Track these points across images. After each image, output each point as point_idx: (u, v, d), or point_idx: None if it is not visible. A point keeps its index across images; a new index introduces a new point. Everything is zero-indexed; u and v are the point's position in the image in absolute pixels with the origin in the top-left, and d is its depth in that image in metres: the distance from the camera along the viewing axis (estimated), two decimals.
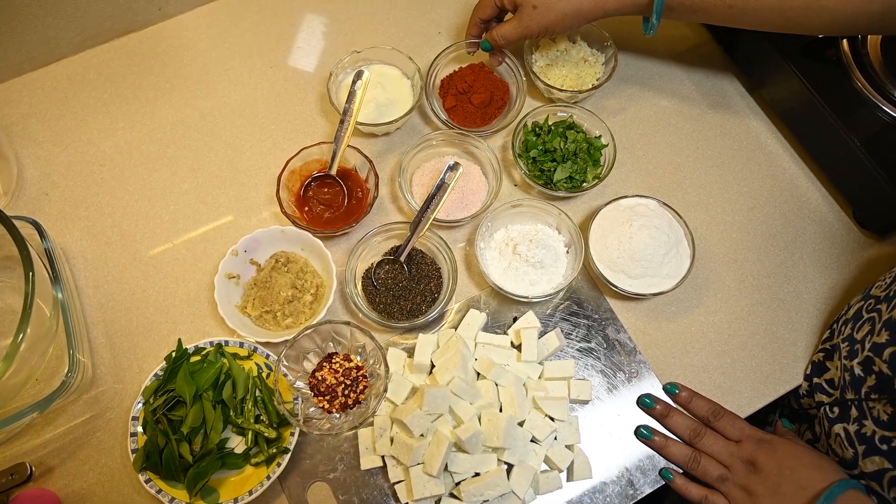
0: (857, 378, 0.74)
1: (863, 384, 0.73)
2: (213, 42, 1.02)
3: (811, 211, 0.94)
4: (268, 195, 0.92)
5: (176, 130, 0.95)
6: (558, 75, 0.96)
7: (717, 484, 0.76)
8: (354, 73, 0.86)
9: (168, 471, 0.74)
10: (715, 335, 0.86)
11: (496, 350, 0.82)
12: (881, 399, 0.70)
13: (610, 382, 0.84)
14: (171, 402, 0.77)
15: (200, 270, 0.87)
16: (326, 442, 0.79)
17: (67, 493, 0.77)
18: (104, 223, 0.90)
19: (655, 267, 0.83)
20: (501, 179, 0.89)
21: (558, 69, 0.97)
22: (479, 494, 0.74)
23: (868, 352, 0.73)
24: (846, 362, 0.76)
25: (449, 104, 0.94)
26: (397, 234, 0.86)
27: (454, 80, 0.96)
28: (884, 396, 0.70)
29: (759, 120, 1.00)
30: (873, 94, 0.88)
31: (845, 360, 0.77)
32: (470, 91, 0.93)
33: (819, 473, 0.72)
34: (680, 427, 0.80)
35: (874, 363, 0.71)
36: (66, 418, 0.80)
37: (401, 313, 0.83)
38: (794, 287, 0.89)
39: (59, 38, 0.96)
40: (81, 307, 0.85)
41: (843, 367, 0.77)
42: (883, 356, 0.69)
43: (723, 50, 1.03)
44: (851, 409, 0.75)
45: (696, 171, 0.96)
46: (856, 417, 0.74)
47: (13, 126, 0.94)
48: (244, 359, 0.81)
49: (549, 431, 0.77)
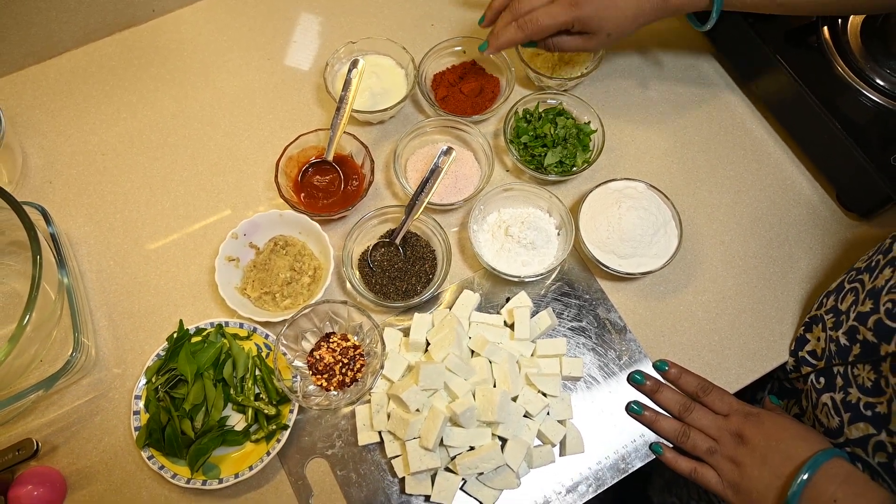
0: (842, 348, 0.76)
1: (849, 353, 0.75)
2: (211, 36, 1.04)
3: (796, 194, 0.96)
4: (266, 182, 0.94)
5: (176, 120, 0.98)
6: (548, 61, 0.99)
7: (706, 456, 0.78)
8: (350, 62, 0.89)
9: (170, 447, 0.76)
10: (703, 314, 0.89)
11: (490, 329, 0.84)
12: (865, 366, 0.73)
13: (601, 360, 0.86)
14: (174, 381, 0.79)
15: (201, 254, 0.89)
16: (325, 419, 0.81)
17: (71, 472, 0.79)
18: (106, 210, 0.92)
19: (644, 247, 0.86)
20: (494, 164, 0.91)
21: (547, 56, 1.00)
22: (474, 467, 0.76)
23: (853, 321, 0.75)
24: (832, 333, 0.78)
25: (440, 95, 0.97)
26: (392, 217, 0.88)
27: (445, 74, 0.99)
28: (868, 364, 0.72)
29: (745, 106, 1.02)
30: (854, 80, 0.91)
31: (831, 331, 0.79)
32: (460, 82, 0.97)
33: (804, 444, 0.74)
34: (669, 402, 0.82)
35: (859, 332, 0.73)
36: (69, 399, 0.82)
37: (396, 294, 0.85)
38: (780, 267, 0.92)
39: (62, 32, 0.99)
40: (85, 291, 0.87)
41: (828, 339, 0.79)
42: (868, 324, 0.72)
43: (708, 39, 1.06)
44: (837, 378, 0.77)
45: (683, 156, 0.98)
46: (841, 386, 0.76)
47: (18, 117, 0.96)
48: (244, 339, 0.83)
49: (541, 406, 0.79)
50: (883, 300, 0.71)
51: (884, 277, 0.73)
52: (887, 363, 0.68)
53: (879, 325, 0.70)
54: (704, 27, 0.88)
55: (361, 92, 0.94)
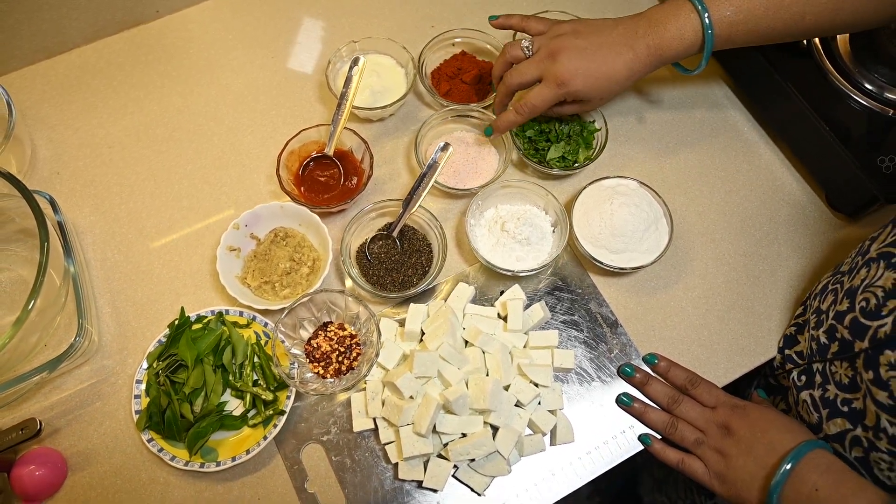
0: (822, 346, 0.78)
1: (827, 351, 0.77)
2: (217, 34, 1.07)
3: (786, 194, 0.99)
4: (268, 175, 0.96)
5: (181, 116, 1.00)
6: None
7: (693, 448, 0.80)
8: (351, 60, 0.92)
9: (170, 430, 0.78)
10: (693, 310, 0.91)
11: (483, 320, 0.86)
12: (843, 363, 0.74)
13: (592, 353, 0.88)
14: (174, 366, 0.81)
15: (203, 245, 0.92)
16: (320, 406, 0.83)
17: (73, 453, 0.80)
18: (112, 201, 0.94)
19: (635, 242, 0.88)
20: (511, 151, 0.95)
21: None
22: (466, 454, 0.78)
23: (832, 320, 0.77)
24: (813, 332, 0.80)
25: (443, 90, 1.00)
26: (390, 211, 0.91)
27: (442, 68, 1.02)
28: (845, 361, 0.74)
29: (737, 109, 1.05)
30: (843, 84, 0.93)
31: (812, 330, 0.81)
32: (460, 73, 0.99)
33: (789, 435, 0.76)
34: (658, 395, 0.84)
35: (837, 330, 0.75)
36: (72, 383, 0.84)
37: (393, 285, 0.87)
38: (769, 265, 0.94)
39: (72, 28, 1.02)
40: (90, 278, 0.89)
41: (810, 338, 0.81)
42: (844, 322, 0.74)
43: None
44: (816, 375, 0.79)
45: (676, 156, 1.01)
46: (820, 383, 0.78)
47: (28, 110, 0.99)
48: (243, 327, 0.85)
49: (533, 396, 0.81)
50: (858, 299, 0.73)
51: (860, 277, 0.75)
52: (861, 359, 0.70)
53: (855, 323, 0.72)
54: (694, 72, 0.88)
55: (362, 90, 0.97)
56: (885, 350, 0.66)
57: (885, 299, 0.69)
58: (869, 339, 0.69)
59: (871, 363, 0.68)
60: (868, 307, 0.70)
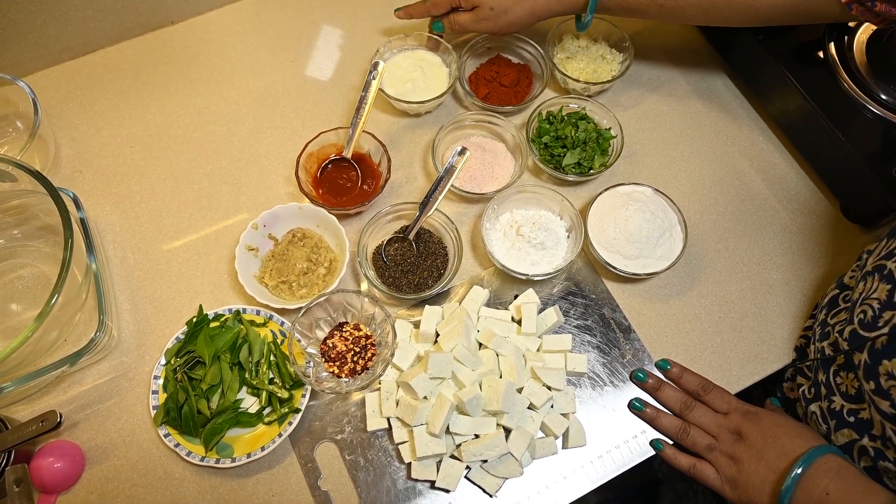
0: (827, 358, 0.79)
1: (832, 363, 0.78)
2: (238, 37, 1.09)
3: (801, 204, 0.99)
4: (286, 177, 0.98)
5: (202, 117, 1.02)
6: (576, 68, 1.04)
7: (705, 453, 0.80)
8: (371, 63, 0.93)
9: (186, 425, 0.79)
10: (706, 317, 0.91)
11: (497, 323, 0.86)
12: (849, 374, 0.75)
13: (605, 358, 0.88)
14: (192, 363, 0.82)
15: (221, 244, 0.93)
16: (335, 406, 0.84)
17: (91, 447, 0.82)
18: (133, 200, 0.96)
19: (650, 249, 0.88)
20: (527, 157, 0.96)
21: (577, 62, 1.04)
22: (479, 454, 0.78)
23: (836, 333, 0.78)
24: (818, 344, 0.81)
25: (482, 94, 1.02)
26: (407, 214, 0.92)
27: (480, 72, 1.05)
28: (851, 372, 0.74)
29: (752, 119, 1.05)
30: (859, 95, 0.94)
31: (818, 342, 0.81)
32: (498, 76, 1.02)
33: (800, 440, 0.76)
34: (670, 400, 0.85)
35: (839, 342, 0.76)
36: (91, 378, 0.85)
37: (408, 287, 0.88)
38: (783, 274, 0.94)
39: (98, 30, 1.04)
40: (110, 275, 0.90)
41: (815, 350, 0.82)
42: (844, 335, 0.75)
43: (718, 54, 1.09)
44: (821, 387, 0.79)
45: (690, 164, 1.01)
46: (825, 395, 0.78)
47: (52, 109, 1.01)
48: (260, 326, 0.86)
49: (545, 398, 0.82)
50: (857, 311, 0.74)
51: (858, 290, 0.76)
52: (861, 371, 0.71)
53: (854, 335, 0.73)
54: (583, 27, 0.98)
55: (404, 82, 1.00)
56: (882, 360, 0.67)
57: (880, 311, 0.70)
58: (867, 350, 0.70)
59: (871, 374, 0.69)
60: (866, 319, 0.72)
